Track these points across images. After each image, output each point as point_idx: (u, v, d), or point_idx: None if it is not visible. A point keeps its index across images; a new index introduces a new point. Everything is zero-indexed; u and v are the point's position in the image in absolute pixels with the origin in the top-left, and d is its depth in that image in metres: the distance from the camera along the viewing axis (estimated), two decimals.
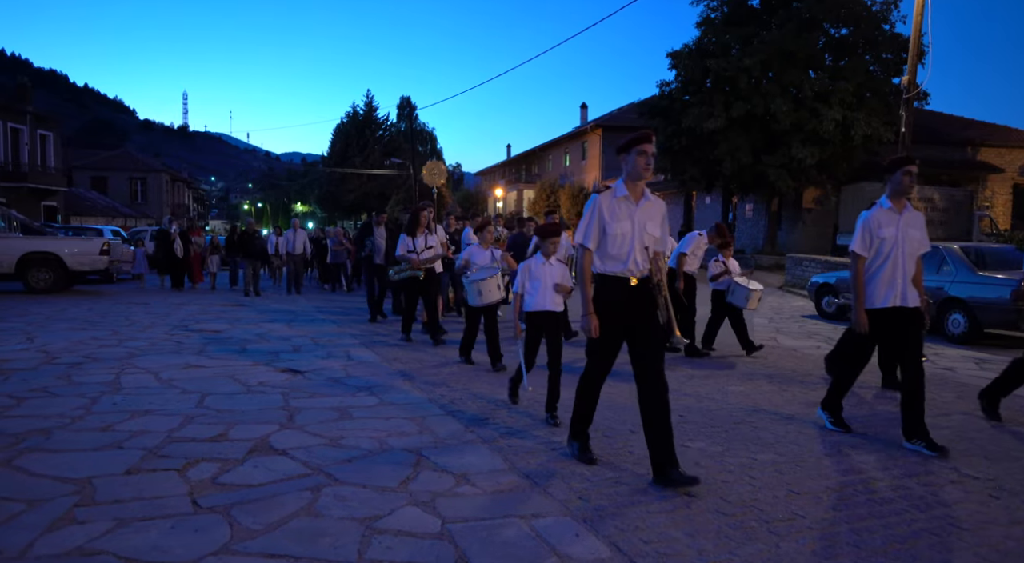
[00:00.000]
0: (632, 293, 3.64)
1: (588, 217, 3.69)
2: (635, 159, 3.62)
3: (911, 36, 13.77)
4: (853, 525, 3.12)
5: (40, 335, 8.21)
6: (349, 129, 53.52)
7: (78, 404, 4.95)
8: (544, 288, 4.91)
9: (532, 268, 4.97)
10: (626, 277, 3.64)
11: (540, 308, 4.93)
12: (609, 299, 3.65)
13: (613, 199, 3.67)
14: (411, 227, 8.28)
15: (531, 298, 4.95)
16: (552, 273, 4.95)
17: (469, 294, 6.41)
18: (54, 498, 3.21)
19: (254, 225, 15.92)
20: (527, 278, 4.95)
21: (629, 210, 3.65)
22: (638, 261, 3.64)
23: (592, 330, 3.60)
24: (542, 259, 4.97)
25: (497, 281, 6.46)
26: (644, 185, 3.71)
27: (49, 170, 33.80)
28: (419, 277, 8.13)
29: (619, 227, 3.61)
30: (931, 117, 25.60)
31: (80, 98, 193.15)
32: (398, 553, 2.75)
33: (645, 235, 3.64)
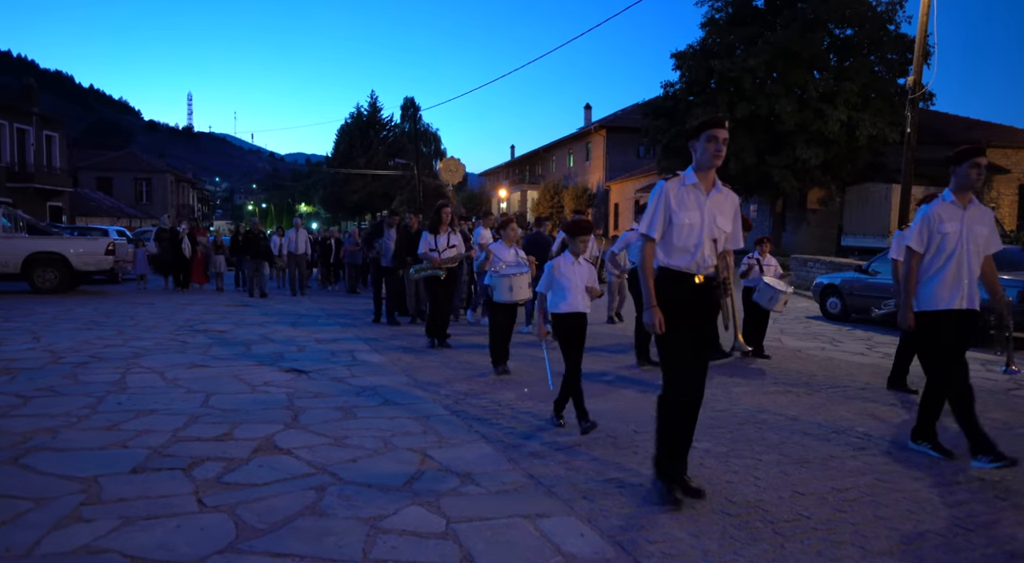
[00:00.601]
0: (696, 292, 3.33)
1: (654, 205, 3.39)
2: (704, 145, 3.29)
3: (916, 36, 13.73)
4: (858, 526, 3.11)
5: (46, 335, 8.25)
6: (353, 130, 53.59)
7: (84, 403, 4.96)
8: (574, 288, 4.63)
9: (561, 267, 4.66)
10: (691, 273, 3.33)
11: (570, 309, 4.63)
12: (671, 296, 3.33)
13: (682, 187, 3.35)
14: (433, 225, 8.07)
15: (559, 299, 4.65)
16: (581, 273, 4.67)
17: (498, 289, 6.21)
18: (60, 496, 3.22)
19: (259, 225, 15.80)
20: (554, 278, 4.67)
21: (698, 200, 3.34)
22: (706, 256, 3.34)
23: (657, 325, 3.26)
24: (571, 258, 4.68)
25: (528, 279, 6.31)
26: (715, 175, 3.39)
27: (55, 171, 33.92)
28: (440, 276, 7.91)
29: (687, 217, 3.31)
30: (936, 118, 25.52)
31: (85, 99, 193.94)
32: (403, 552, 2.75)
33: (715, 228, 3.35)
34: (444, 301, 8.03)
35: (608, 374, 6.58)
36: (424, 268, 7.98)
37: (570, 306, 4.64)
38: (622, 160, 37.41)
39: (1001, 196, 24.53)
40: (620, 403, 5.42)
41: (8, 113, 30.77)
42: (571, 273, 4.66)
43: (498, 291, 6.22)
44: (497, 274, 6.26)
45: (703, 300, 3.36)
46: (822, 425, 4.86)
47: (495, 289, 6.26)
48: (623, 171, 36.88)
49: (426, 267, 7.95)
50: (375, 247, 10.46)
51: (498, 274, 6.25)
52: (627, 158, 37.31)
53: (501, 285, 6.18)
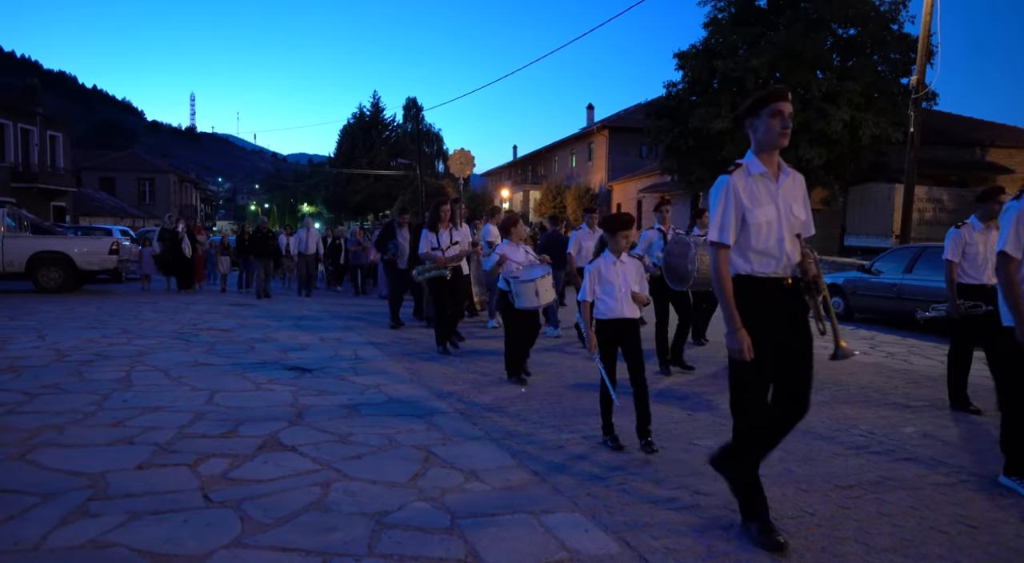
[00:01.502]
0: (787, 297, 2.90)
1: (721, 205, 2.88)
2: (768, 122, 2.82)
3: (920, 36, 13.72)
4: (862, 523, 3.12)
5: (51, 333, 8.28)
6: (355, 130, 53.66)
7: (90, 401, 4.99)
8: (618, 291, 4.18)
9: (602, 269, 4.22)
10: (780, 277, 2.88)
11: (616, 315, 4.18)
12: (759, 310, 2.85)
13: (748, 178, 2.88)
14: (432, 222, 7.59)
15: (603, 304, 4.21)
16: (626, 272, 4.22)
17: (521, 295, 5.75)
18: (67, 492, 3.24)
19: (267, 224, 15.43)
20: (597, 281, 4.24)
21: (770, 190, 2.88)
22: (790, 255, 2.89)
23: (744, 351, 2.78)
24: (612, 258, 4.23)
25: (551, 281, 5.86)
26: (780, 157, 2.94)
27: (58, 171, 34.02)
28: (446, 276, 7.41)
29: (763, 213, 2.85)
30: (940, 117, 25.47)
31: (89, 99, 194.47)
32: (408, 547, 2.77)
33: (793, 219, 2.90)
34: (451, 303, 7.56)
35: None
36: (427, 269, 7.53)
37: (613, 312, 4.19)
38: (625, 160, 37.41)
39: (1005, 196, 24.47)
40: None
41: (12, 113, 30.87)
42: (614, 275, 4.22)
43: (522, 297, 5.76)
44: (516, 279, 5.81)
45: (794, 306, 2.91)
46: (825, 423, 4.86)
47: (517, 296, 5.80)
48: (626, 171, 36.88)
49: (430, 268, 7.50)
50: (389, 249, 9.96)
51: (518, 279, 5.80)
52: (630, 158, 37.31)
53: (525, 291, 5.73)
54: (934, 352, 8.40)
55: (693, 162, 22.49)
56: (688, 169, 22.90)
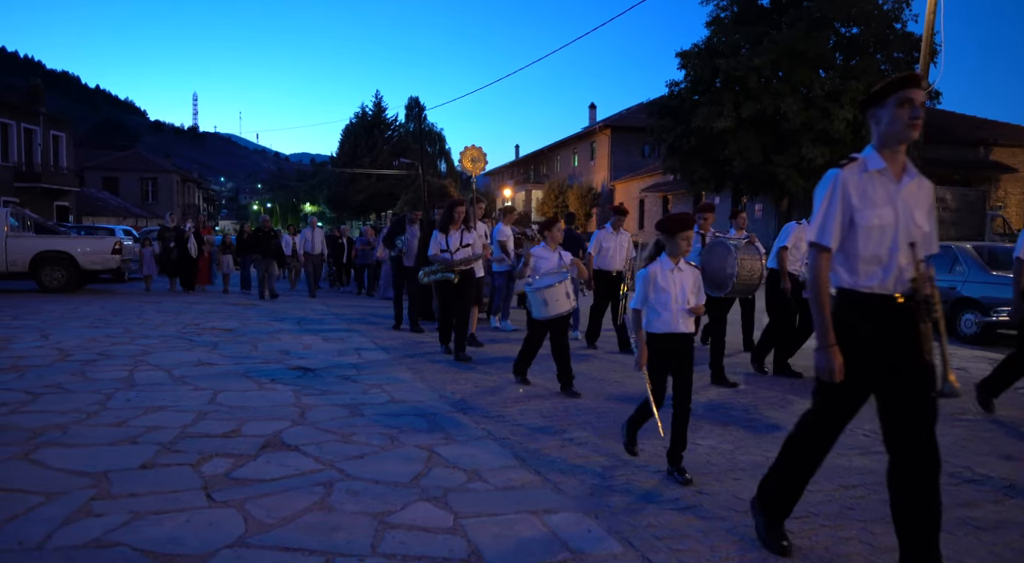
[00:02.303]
0: (895, 317, 2.50)
1: (826, 201, 2.54)
2: (894, 112, 2.46)
3: (923, 35, 13.69)
4: (866, 524, 3.11)
5: (54, 333, 8.29)
6: (358, 130, 53.76)
7: (93, 400, 4.99)
8: (674, 302, 3.73)
9: (658, 276, 3.75)
10: (887, 294, 2.50)
11: (669, 329, 3.71)
12: (859, 327, 2.50)
13: (863, 175, 2.52)
14: (444, 223, 7.32)
15: (655, 316, 3.75)
16: (684, 281, 3.76)
17: (533, 305, 5.58)
18: (71, 491, 3.24)
19: (269, 223, 15.22)
20: (651, 288, 3.76)
21: (889, 191, 2.50)
22: (903, 268, 2.49)
23: (835, 371, 2.47)
24: (670, 264, 3.75)
25: (566, 288, 5.56)
26: (905, 155, 2.58)
27: (61, 170, 34.09)
28: (452, 280, 7.14)
29: (876, 216, 2.48)
30: (943, 117, 25.42)
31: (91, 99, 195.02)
32: (411, 547, 2.76)
33: (913, 227, 2.50)
34: (458, 307, 7.18)
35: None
36: (434, 270, 7.28)
37: (667, 325, 3.72)
38: (627, 160, 37.40)
39: (1008, 195, 24.43)
40: (626, 397, 5.40)
41: (15, 113, 30.94)
42: (670, 283, 3.74)
43: (535, 307, 5.57)
44: (530, 288, 5.60)
45: (903, 328, 2.49)
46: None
47: (531, 305, 5.62)
48: (628, 171, 36.86)
49: (437, 269, 7.26)
50: (397, 245, 9.54)
51: (530, 288, 5.57)
52: (632, 157, 37.30)
53: (536, 300, 5.52)
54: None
55: (695, 161, 22.49)
56: (690, 168, 22.90)
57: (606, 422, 4.74)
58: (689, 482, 3.56)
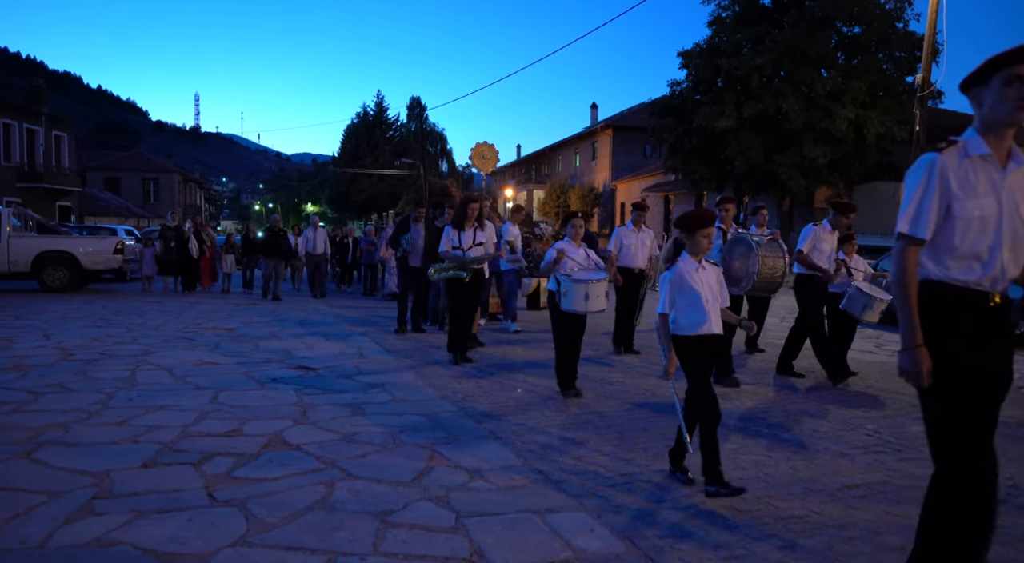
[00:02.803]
0: (989, 320, 2.24)
1: (922, 188, 2.26)
2: (1000, 92, 2.19)
3: (925, 34, 13.66)
4: (870, 523, 3.10)
5: (56, 332, 8.30)
6: (359, 130, 53.78)
7: (95, 399, 4.99)
8: (705, 301, 3.52)
9: (684, 275, 3.53)
10: (983, 291, 2.23)
11: (703, 331, 3.49)
12: (948, 327, 2.23)
13: (964, 160, 2.25)
14: (458, 219, 7.01)
15: (686, 317, 3.51)
16: (709, 280, 3.58)
17: (570, 296, 5.17)
18: (72, 490, 3.24)
19: (279, 222, 14.76)
20: (678, 290, 3.55)
21: (992, 179, 2.24)
22: (1005, 264, 2.23)
23: (922, 375, 2.19)
24: (693, 263, 3.58)
25: (606, 287, 5.29)
26: (1011, 140, 2.28)
27: (64, 171, 34.13)
28: (463, 278, 6.82)
29: (976, 206, 2.21)
30: (946, 116, 25.34)
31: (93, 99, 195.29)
32: (413, 546, 2.76)
33: (1018, 222, 2.24)
34: (467, 308, 6.94)
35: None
36: (445, 268, 6.91)
37: (699, 326, 3.49)
38: (628, 159, 37.37)
39: None
40: (620, 395, 5.39)
41: (18, 113, 30.97)
42: (697, 282, 3.52)
43: (569, 298, 5.19)
44: (569, 278, 5.20)
45: (997, 331, 2.26)
46: (832, 423, 4.84)
47: (564, 296, 5.23)
48: (629, 170, 36.83)
49: (447, 267, 6.90)
50: (402, 244, 9.14)
51: (570, 278, 5.19)
52: (633, 157, 37.27)
53: (575, 292, 5.16)
54: None
55: (697, 161, 22.46)
56: (692, 168, 22.86)
57: (608, 422, 4.73)
58: (691, 482, 3.52)
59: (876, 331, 10.18)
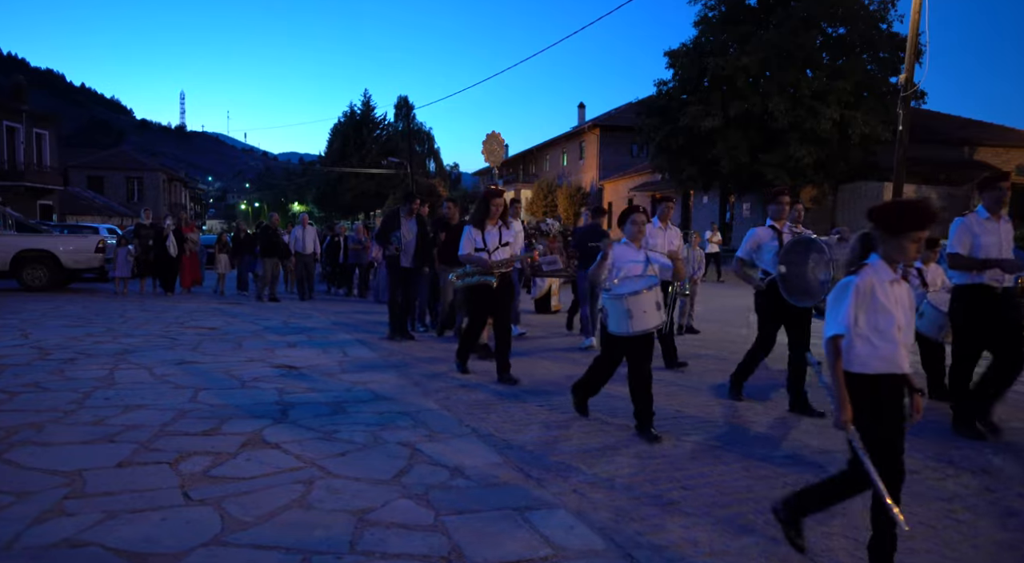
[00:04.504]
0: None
1: None
2: None
3: (908, 35, 13.78)
4: (850, 518, 3.10)
5: (34, 332, 8.17)
6: (347, 129, 53.58)
7: (71, 398, 4.91)
8: (896, 329, 2.57)
9: (876, 289, 2.57)
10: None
11: (893, 368, 2.59)
12: None
13: None
14: (479, 217, 6.09)
15: (869, 347, 2.58)
16: (903, 299, 2.62)
17: (612, 317, 4.37)
18: (43, 490, 3.17)
19: (277, 221, 14.17)
20: (865, 308, 2.58)
21: None
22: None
23: None
24: (888, 272, 2.59)
25: (657, 296, 4.36)
26: None
27: (45, 169, 33.70)
28: (491, 284, 5.97)
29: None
30: (929, 117, 25.64)
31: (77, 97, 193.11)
32: (391, 545, 2.72)
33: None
34: (499, 317, 6.08)
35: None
36: (469, 273, 6.04)
37: (889, 362, 2.58)
38: (616, 159, 37.47)
39: None
40: (610, 391, 5.38)
41: None
42: (892, 300, 2.58)
43: (612, 318, 4.37)
44: (608, 294, 4.42)
45: None
46: (814, 419, 4.85)
47: (608, 316, 4.41)
48: (617, 170, 36.92)
49: (472, 272, 6.02)
50: (392, 242, 8.20)
51: (609, 294, 4.41)
52: (621, 157, 37.37)
53: (614, 310, 4.34)
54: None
55: (684, 160, 22.56)
56: (679, 167, 22.97)
57: (591, 417, 4.71)
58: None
59: None
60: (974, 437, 4.43)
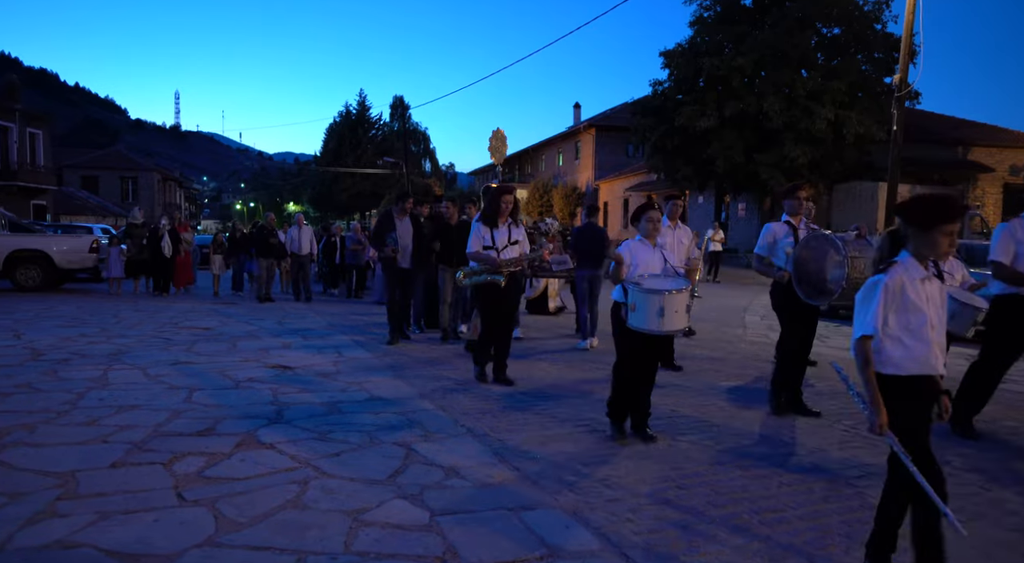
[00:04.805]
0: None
1: None
2: None
3: (903, 35, 13.83)
4: (844, 516, 3.11)
5: (27, 332, 8.13)
6: (342, 129, 53.42)
7: (64, 399, 4.88)
8: (930, 328, 2.51)
9: (907, 287, 2.49)
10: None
11: (928, 369, 2.52)
12: None
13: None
14: (490, 214, 5.95)
15: (902, 349, 2.51)
16: (935, 297, 2.54)
17: (640, 310, 4.06)
18: (36, 491, 3.16)
19: (273, 221, 14.02)
20: (896, 307, 2.51)
21: None
22: None
23: None
24: (919, 270, 2.51)
25: (687, 299, 4.22)
26: None
27: (39, 168, 33.51)
28: (500, 283, 5.81)
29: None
30: (923, 117, 25.72)
31: (71, 97, 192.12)
32: (385, 545, 2.72)
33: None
34: (504, 318, 5.98)
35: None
36: (477, 271, 5.88)
37: (923, 363, 2.52)
38: (611, 159, 37.48)
39: (986, 195, 24.77)
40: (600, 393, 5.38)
41: None
42: (923, 299, 2.51)
43: (640, 313, 4.06)
44: (639, 287, 4.09)
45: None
46: (808, 419, 4.86)
47: (633, 309, 4.09)
48: (612, 170, 36.95)
49: (480, 270, 5.87)
50: (388, 243, 7.93)
51: (640, 287, 4.09)
52: (616, 157, 37.38)
53: (646, 305, 4.04)
54: None
55: (679, 160, 22.58)
56: (674, 167, 22.99)
57: (586, 417, 4.71)
58: None
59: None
60: (971, 437, 4.45)
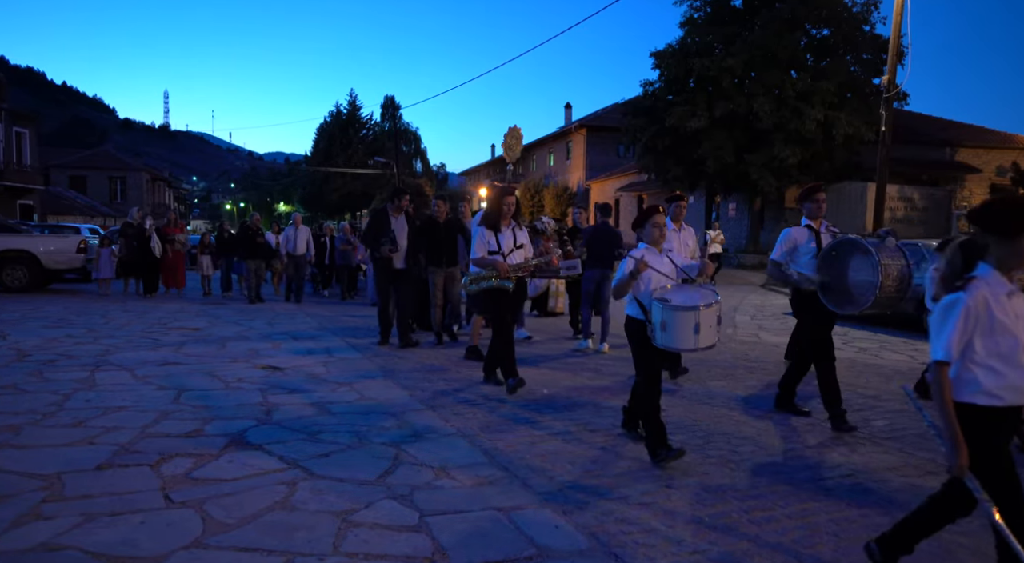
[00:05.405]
0: None
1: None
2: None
3: (891, 37, 13.93)
4: (833, 515, 3.12)
5: (13, 333, 8.04)
6: (333, 128, 53.23)
7: (50, 401, 4.84)
8: (1019, 351, 2.22)
9: (991, 302, 2.21)
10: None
11: (1016, 399, 2.25)
12: None
13: None
14: (492, 217, 5.75)
15: (992, 375, 2.23)
16: (1022, 312, 2.25)
17: (670, 328, 3.71)
18: (20, 494, 3.12)
19: (259, 221, 13.93)
20: (981, 328, 2.23)
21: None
22: None
23: None
24: (1003, 284, 2.24)
25: (718, 311, 3.86)
26: None
27: (25, 168, 33.20)
28: (508, 289, 5.62)
29: None
30: (911, 118, 25.89)
31: (58, 96, 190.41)
32: (374, 546, 2.70)
33: None
34: (509, 324, 5.77)
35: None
36: (484, 277, 5.66)
37: (1017, 391, 2.24)
38: (602, 159, 37.54)
39: (973, 195, 24.96)
40: (600, 397, 5.37)
41: None
42: (1011, 316, 2.22)
43: (671, 332, 3.71)
44: (667, 305, 3.73)
45: None
46: (798, 418, 4.88)
47: (663, 328, 3.72)
48: (603, 170, 37.01)
49: (487, 276, 5.64)
50: (385, 243, 7.63)
51: (669, 304, 3.72)
52: (607, 157, 37.44)
53: (679, 323, 3.69)
54: (904, 347, 8.51)
55: (669, 161, 22.62)
56: (665, 168, 23.03)
57: (577, 415, 4.71)
58: None
59: (843, 328, 10.32)
60: None
